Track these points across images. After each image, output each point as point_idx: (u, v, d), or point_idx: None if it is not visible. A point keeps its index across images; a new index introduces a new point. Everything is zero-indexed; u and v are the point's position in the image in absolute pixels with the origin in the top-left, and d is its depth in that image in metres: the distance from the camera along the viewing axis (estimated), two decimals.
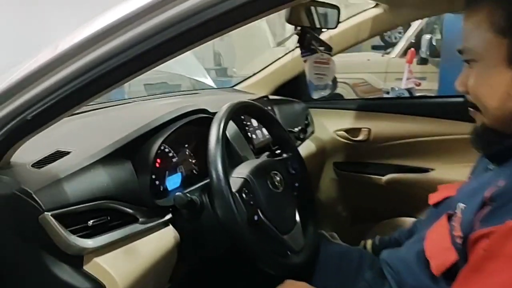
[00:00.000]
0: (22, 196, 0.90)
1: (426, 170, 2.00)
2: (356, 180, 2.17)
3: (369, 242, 1.59)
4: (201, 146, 1.39)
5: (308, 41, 1.41)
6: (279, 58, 2.18)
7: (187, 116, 1.27)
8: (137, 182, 1.09)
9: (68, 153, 1.05)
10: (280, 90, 2.18)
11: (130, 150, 1.10)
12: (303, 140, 1.80)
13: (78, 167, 0.99)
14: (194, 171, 1.36)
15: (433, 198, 1.15)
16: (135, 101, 1.70)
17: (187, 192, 1.15)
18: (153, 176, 1.19)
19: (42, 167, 0.99)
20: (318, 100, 2.40)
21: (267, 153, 1.37)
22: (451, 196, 1.04)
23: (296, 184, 1.31)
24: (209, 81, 2.26)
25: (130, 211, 1.06)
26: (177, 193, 1.05)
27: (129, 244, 1.04)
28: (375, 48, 6.53)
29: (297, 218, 1.23)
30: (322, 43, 1.41)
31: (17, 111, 0.86)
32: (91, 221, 0.97)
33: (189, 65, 2.35)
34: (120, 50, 0.79)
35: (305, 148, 2.02)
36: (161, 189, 1.22)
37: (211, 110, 1.35)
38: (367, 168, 2.15)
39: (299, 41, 1.41)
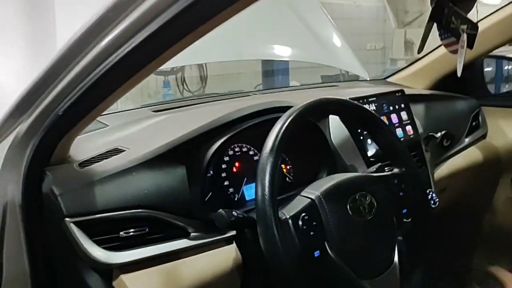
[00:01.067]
0: (50, 197, 0.84)
1: None
2: None
3: None
4: (301, 150, 1.17)
5: (447, 18, 1.03)
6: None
7: (266, 114, 1.06)
8: (187, 191, 0.93)
9: (121, 151, 0.96)
10: (444, 82, 1.76)
11: (185, 153, 0.95)
12: (448, 149, 1.39)
13: (118, 169, 0.89)
14: (288, 179, 1.15)
15: None
16: (254, 94, 1.55)
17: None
18: (226, 183, 1.04)
19: (88, 166, 0.92)
20: (499, 96, 1.91)
21: (378, 165, 1.07)
22: None
23: (405, 211, 0.98)
24: (362, 72, 1.97)
25: (179, 223, 0.92)
26: (219, 211, 0.87)
27: (172, 262, 0.90)
28: None
29: (396, 258, 0.92)
30: (464, 20, 1.02)
31: (49, 108, 0.80)
32: (124, 231, 0.86)
33: (341, 57, 2.11)
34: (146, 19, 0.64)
35: (470, 157, 1.60)
36: (236, 199, 1.05)
37: None
38: None
39: (432, 18, 1.05)
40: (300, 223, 0.82)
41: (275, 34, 2.10)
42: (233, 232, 0.97)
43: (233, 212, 0.86)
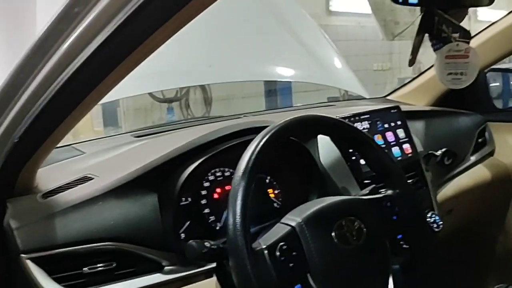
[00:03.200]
0: (7, 231, 0.77)
1: None
2: None
3: None
4: (289, 173, 1.10)
5: (437, 27, 0.97)
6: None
7: (247, 135, 0.99)
8: (159, 220, 0.86)
9: (89, 180, 0.90)
10: (447, 98, 1.68)
11: (156, 180, 0.89)
12: (451, 167, 1.30)
13: (82, 198, 0.82)
14: (276, 204, 1.07)
15: None
16: (245, 115, 1.49)
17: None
18: (206, 210, 0.96)
19: (52, 196, 0.85)
20: (506, 111, 1.82)
21: (372, 186, 0.99)
22: None
23: (400, 236, 0.89)
24: (361, 91, 1.91)
25: (151, 256, 0.85)
26: (189, 242, 0.79)
27: None
28: None
29: None
30: (456, 27, 0.95)
31: (5, 135, 0.75)
32: (88, 267, 0.79)
33: (339, 76, 2.05)
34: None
35: (477, 175, 1.51)
36: (217, 227, 0.97)
37: None
38: None
39: (422, 28, 0.98)
40: (278, 253, 0.74)
41: (274, 55, 2.07)
42: (213, 264, 0.89)
43: (206, 243, 0.78)
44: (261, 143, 0.78)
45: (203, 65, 1.86)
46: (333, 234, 0.79)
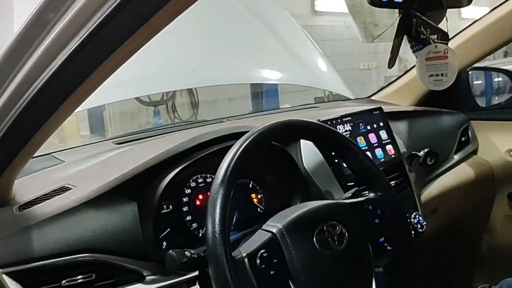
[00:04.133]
0: None
1: None
2: None
3: None
4: (272, 177, 1.09)
5: (416, 29, 0.97)
6: None
7: (227, 140, 0.98)
8: (140, 230, 0.85)
9: (67, 190, 0.88)
10: (431, 97, 1.68)
11: (136, 188, 0.87)
12: (434, 167, 1.31)
13: (59, 210, 0.81)
14: (259, 209, 1.07)
15: None
16: (229, 119, 1.48)
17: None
18: (188, 218, 0.95)
19: (28, 208, 0.84)
20: (488, 109, 1.83)
21: (354, 189, 0.98)
22: None
23: (382, 239, 0.89)
24: (346, 92, 1.91)
25: (131, 266, 0.83)
26: (169, 251, 0.78)
27: None
28: None
29: None
30: (434, 29, 0.95)
31: None
32: (66, 280, 0.77)
33: (324, 77, 2.05)
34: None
35: (461, 174, 1.52)
36: (200, 235, 0.96)
37: None
38: None
39: (400, 30, 0.98)
40: (258, 261, 0.73)
41: (257, 58, 2.06)
42: (196, 272, 0.88)
43: (186, 252, 0.77)
44: (240, 150, 0.77)
45: (187, 69, 1.85)
46: (314, 239, 0.78)
